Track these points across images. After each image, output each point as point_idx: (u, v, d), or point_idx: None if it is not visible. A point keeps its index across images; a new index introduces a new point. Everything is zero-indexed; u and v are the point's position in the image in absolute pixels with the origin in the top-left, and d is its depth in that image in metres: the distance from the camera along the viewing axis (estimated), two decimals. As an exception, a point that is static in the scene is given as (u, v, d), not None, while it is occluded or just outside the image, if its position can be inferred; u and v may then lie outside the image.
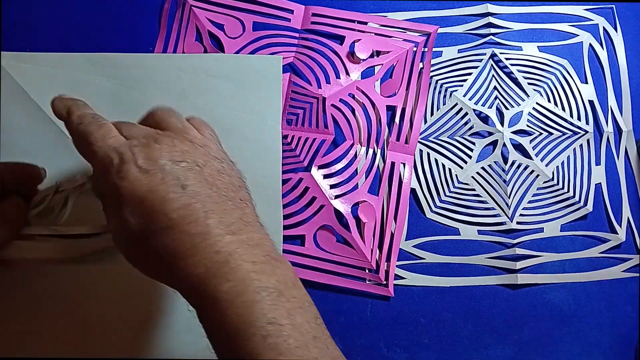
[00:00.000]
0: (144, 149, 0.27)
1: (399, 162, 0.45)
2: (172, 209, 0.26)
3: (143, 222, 0.26)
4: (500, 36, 0.48)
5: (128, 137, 0.29)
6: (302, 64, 0.46)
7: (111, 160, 0.27)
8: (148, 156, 0.27)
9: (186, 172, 0.27)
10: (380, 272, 0.43)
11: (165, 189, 0.26)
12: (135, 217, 0.26)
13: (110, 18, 0.47)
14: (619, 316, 0.44)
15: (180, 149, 0.28)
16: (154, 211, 0.26)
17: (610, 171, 0.47)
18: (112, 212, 0.27)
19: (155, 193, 0.26)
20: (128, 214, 0.26)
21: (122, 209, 0.26)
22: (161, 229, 0.26)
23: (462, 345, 0.43)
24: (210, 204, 0.27)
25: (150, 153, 0.27)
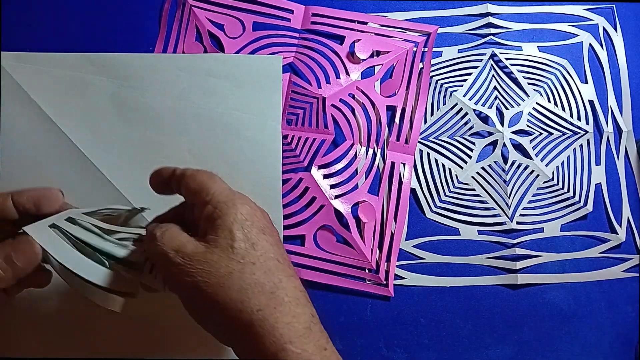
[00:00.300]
0: (265, 219, 0.32)
1: (399, 162, 0.45)
2: (280, 254, 0.31)
3: (250, 247, 0.29)
4: (500, 36, 0.48)
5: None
6: (302, 64, 0.46)
7: (233, 191, 0.32)
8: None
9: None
10: (380, 272, 0.43)
11: (275, 235, 0.31)
12: (244, 235, 0.29)
13: (110, 18, 0.47)
14: (619, 316, 0.44)
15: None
16: (265, 246, 0.30)
17: (610, 171, 0.47)
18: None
19: (272, 232, 0.31)
20: (238, 230, 0.29)
21: (233, 224, 0.29)
22: (267, 260, 0.29)
23: (462, 345, 0.43)
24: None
25: (271, 228, 0.32)
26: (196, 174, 0.32)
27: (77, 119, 0.43)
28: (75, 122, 0.43)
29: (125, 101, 0.44)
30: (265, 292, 0.28)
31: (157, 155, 0.43)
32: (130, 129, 0.43)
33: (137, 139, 0.43)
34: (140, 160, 0.43)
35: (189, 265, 0.28)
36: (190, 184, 0.32)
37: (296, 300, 0.29)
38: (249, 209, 0.30)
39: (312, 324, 0.29)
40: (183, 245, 0.29)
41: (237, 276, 0.28)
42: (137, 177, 0.43)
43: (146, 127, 0.43)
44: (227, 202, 0.30)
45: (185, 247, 0.29)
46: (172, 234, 0.30)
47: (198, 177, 0.32)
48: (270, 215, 0.43)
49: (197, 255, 0.28)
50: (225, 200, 0.30)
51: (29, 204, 0.34)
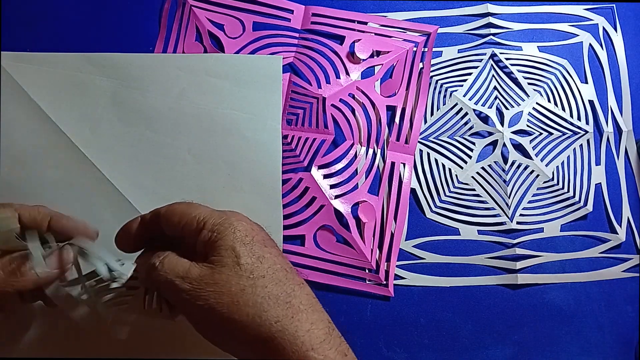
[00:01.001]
0: (263, 232, 0.32)
1: (399, 162, 0.45)
2: (287, 264, 0.30)
3: (257, 262, 0.29)
4: (500, 36, 0.48)
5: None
6: (302, 64, 0.46)
7: (223, 212, 0.32)
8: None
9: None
10: (380, 272, 0.43)
11: (276, 247, 0.31)
12: (250, 252, 0.29)
13: (110, 18, 0.47)
14: (619, 316, 0.44)
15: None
16: (271, 258, 0.30)
17: (610, 171, 0.47)
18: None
19: (273, 245, 0.31)
20: (243, 249, 0.29)
21: (235, 245, 0.29)
22: (276, 272, 0.29)
23: (462, 345, 0.43)
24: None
25: (270, 239, 0.32)
26: (173, 208, 0.31)
27: (77, 119, 0.43)
28: (75, 122, 0.43)
29: (125, 101, 0.44)
30: (280, 303, 0.28)
31: (157, 155, 0.43)
32: (130, 129, 0.43)
33: (137, 139, 0.43)
34: (140, 160, 0.43)
35: (198, 290, 0.28)
36: (172, 218, 0.31)
37: (312, 307, 0.29)
38: (245, 225, 0.30)
39: (330, 329, 0.29)
40: (188, 271, 0.28)
41: (250, 291, 0.27)
42: (137, 177, 0.43)
43: (146, 127, 0.43)
44: (222, 222, 0.30)
45: (190, 272, 0.28)
46: (172, 261, 0.29)
47: (178, 210, 0.31)
48: (270, 215, 0.43)
49: (205, 278, 0.28)
50: (220, 222, 0.30)
51: (64, 232, 0.33)
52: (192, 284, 0.28)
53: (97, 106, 0.43)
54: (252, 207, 0.43)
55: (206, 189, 0.43)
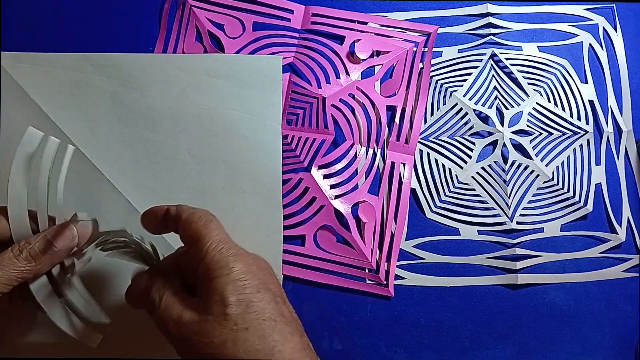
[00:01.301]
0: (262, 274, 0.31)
1: (399, 162, 0.45)
2: (278, 312, 0.29)
3: (243, 310, 0.28)
4: (500, 36, 0.48)
5: None
6: (302, 64, 0.46)
7: (229, 245, 0.31)
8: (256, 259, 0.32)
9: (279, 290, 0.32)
10: (380, 272, 0.43)
11: (273, 292, 0.31)
12: (238, 298, 0.28)
13: (110, 18, 0.47)
14: (619, 316, 0.44)
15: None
16: (260, 305, 0.29)
17: (610, 171, 0.47)
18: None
19: (267, 290, 0.30)
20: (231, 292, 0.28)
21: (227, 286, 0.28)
22: (261, 324, 0.28)
23: (462, 345, 0.43)
24: (300, 327, 0.30)
25: (258, 259, 0.32)
26: (191, 221, 0.31)
27: (77, 119, 0.43)
28: (75, 122, 0.43)
29: (125, 101, 0.44)
30: (261, 359, 0.27)
31: (157, 155, 0.43)
32: (130, 129, 0.43)
33: (137, 139, 0.43)
34: (140, 160, 0.43)
35: (187, 337, 0.28)
36: (187, 231, 0.31)
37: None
38: (242, 266, 0.29)
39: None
40: (180, 316, 0.29)
41: (231, 345, 0.27)
42: (137, 177, 0.43)
43: (146, 127, 0.43)
44: (219, 260, 0.29)
45: (182, 317, 0.28)
46: (169, 302, 0.29)
47: (193, 226, 0.31)
48: (270, 215, 0.43)
49: (193, 325, 0.28)
50: (218, 259, 0.29)
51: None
52: (180, 330, 0.28)
53: (97, 106, 0.43)
54: (252, 207, 0.43)
55: (206, 189, 0.43)
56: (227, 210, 0.43)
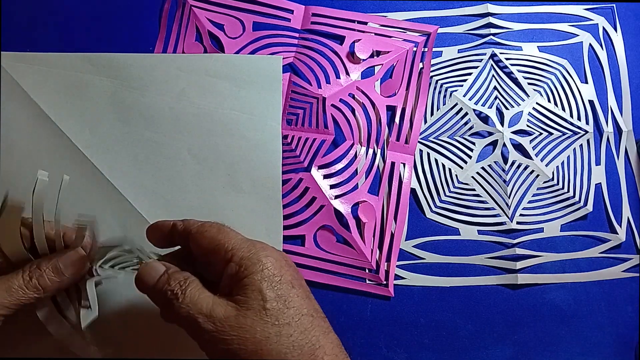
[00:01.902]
0: (292, 269, 0.31)
1: (399, 162, 0.45)
2: (313, 308, 0.29)
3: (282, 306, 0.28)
4: (500, 36, 0.48)
5: None
6: (302, 64, 0.46)
7: (254, 243, 0.30)
8: (283, 255, 0.31)
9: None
10: (380, 272, 0.43)
11: (304, 288, 0.30)
12: (276, 294, 0.28)
13: (110, 18, 0.47)
14: (619, 316, 0.44)
15: None
16: (298, 301, 0.29)
17: (610, 171, 0.47)
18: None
19: (301, 286, 0.30)
20: (268, 289, 0.28)
21: (263, 284, 0.28)
22: (301, 318, 0.28)
23: (462, 345, 0.43)
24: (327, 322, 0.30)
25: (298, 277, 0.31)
26: (204, 231, 0.30)
27: (77, 119, 0.43)
28: (75, 122, 0.43)
29: (125, 101, 0.44)
30: (304, 354, 0.27)
31: (157, 155, 0.43)
32: (130, 129, 0.43)
33: (136, 139, 0.43)
34: (140, 160, 0.43)
35: (222, 332, 0.27)
36: (201, 242, 0.30)
37: (335, 357, 0.28)
38: (274, 261, 0.29)
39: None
40: (212, 309, 0.27)
41: (275, 340, 0.26)
42: (137, 177, 0.43)
43: (146, 127, 0.43)
44: (250, 257, 0.28)
45: (214, 311, 0.27)
46: (195, 294, 0.28)
47: (207, 234, 0.30)
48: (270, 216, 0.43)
49: (230, 320, 0.27)
50: (249, 256, 0.29)
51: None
52: (215, 325, 0.27)
53: (97, 106, 0.43)
54: (252, 207, 0.43)
55: (206, 189, 0.43)
56: (227, 210, 0.43)
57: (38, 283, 0.30)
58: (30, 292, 0.30)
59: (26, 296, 0.30)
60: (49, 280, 0.30)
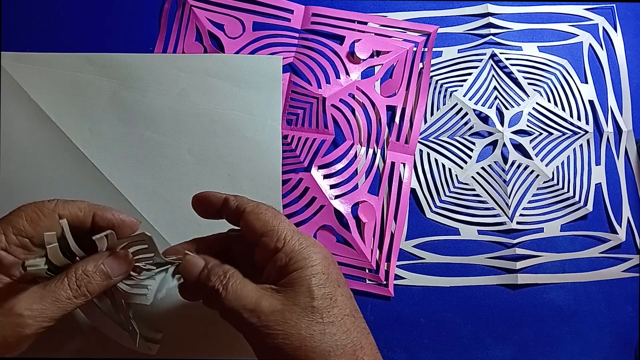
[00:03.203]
0: (336, 267, 0.31)
1: (399, 162, 0.45)
2: (355, 308, 0.30)
3: (329, 304, 0.28)
4: (500, 36, 0.48)
5: None
6: (302, 64, 0.46)
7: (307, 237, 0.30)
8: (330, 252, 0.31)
9: None
10: (380, 272, 0.43)
11: (347, 286, 0.31)
12: (323, 293, 0.28)
13: (110, 18, 0.47)
14: (619, 316, 0.44)
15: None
16: (342, 300, 0.29)
17: (610, 171, 0.47)
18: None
19: (345, 284, 0.30)
20: (317, 286, 0.28)
21: (311, 280, 0.28)
22: (344, 318, 0.28)
23: (462, 345, 0.43)
24: None
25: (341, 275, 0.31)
26: (259, 212, 0.30)
27: (77, 119, 0.43)
28: (75, 122, 0.43)
29: (125, 101, 0.44)
30: (346, 354, 0.27)
31: (157, 155, 0.43)
32: (130, 129, 0.43)
33: (136, 139, 0.43)
34: (140, 160, 0.43)
35: (267, 326, 0.27)
36: (255, 223, 0.30)
37: (374, 358, 0.28)
38: (322, 259, 0.29)
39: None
40: (258, 304, 0.27)
41: (319, 338, 0.27)
42: (137, 177, 0.43)
43: (146, 127, 0.43)
44: (301, 251, 0.28)
45: (260, 305, 0.27)
46: (238, 288, 0.28)
47: (262, 217, 0.30)
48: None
49: (276, 315, 0.27)
50: (300, 249, 0.28)
51: (108, 226, 0.31)
52: (260, 319, 0.27)
53: (97, 106, 0.43)
54: (252, 207, 0.43)
55: (206, 189, 0.43)
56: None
57: (87, 290, 0.29)
58: (78, 301, 0.28)
59: (74, 305, 0.28)
60: (97, 285, 0.29)
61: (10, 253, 0.29)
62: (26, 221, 0.29)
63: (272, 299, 0.27)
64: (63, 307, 0.28)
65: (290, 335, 0.26)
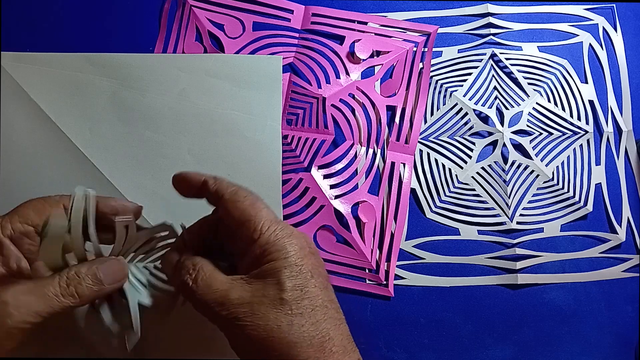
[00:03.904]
0: (304, 235, 0.30)
1: (399, 162, 0.45)
2: (328, 299, 0.29)
3: (299, 296, 0.28)
4: (500, 36, 0.48)
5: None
6: (302, 64, 0.46)
7: (283, 227, 0.29)
8: (308, 241, 0.30)
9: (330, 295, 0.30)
10: (380, 272, 0.43)
11: (324, 277, 0.30)
12: (293, 284, 0.28)
13: (110, 18, 0.47)
14: (619, 316, 0.44)
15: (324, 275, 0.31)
16: (314, 292, 0.28)
17: (610, 171, 0.47)
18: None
19: (319, 275, 0.29)
20: (287, 277, 0.28)
21: (283, 271, 0.28)
22: (315, 310, 0.28)
23: (462, 345, 0.43)
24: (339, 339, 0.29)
25: (309, 240, 0.30)
26: (236, 201, 0.30)
27: (77, 119, 0.43)
28: (75, 122, 0.43)
29: (125, 101, 0.44)
30: (313, 345, 0.27)
31: (157, 155, 0.43)
32: (130, 129, 0.43)
33: (136, 139, 0.43)
34: (140, 160, 0.43)
35: (235, 317, 0.27)
36: (232, 212, 0.30)
37: (343, 349, 0.28)
38: (297, 250, 0.29)
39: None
40: (226, 296, 0.27)
41: (286, 329, 0.27)
42: (137, 177, 0.43)
43: (146, 127, 0.43)
44: (275, 242, 0.28)
45: (229, 297, 0.27)
46: (207, 281, 0.28)
47: (239, 206, 0.30)
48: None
49: (244, 306, 0.27)
50: (274, 241, 0.28)
51: (113, 213, 0.32)
52: (229, 311, 0.27)
53: (97, 106, 0.43)
54: (252, 207, 0.43)
55: (206, 189, 0.43)
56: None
57: (75, 291, 0.29)
58: (66, 301, 0.28)
59: (61, 304, 0.28)
60: (87, 289, 0.29)
61: (15, 242, 0.30)
62: (32, 210, 0.30)
63: (242, 291, 0.28)
64: (49, 303, 0.28)
65: (258, 326, 0.27)
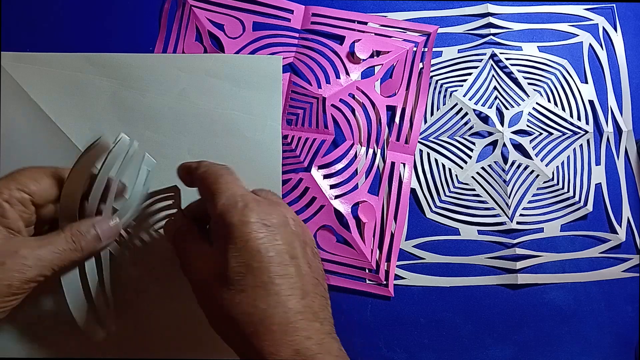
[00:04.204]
0: (269, 207, 0.30)
1: (399, 162, 0.45)
2: (278, 275, 0.28)
3: (242, 272, 0.28)
4: (500, 36, 0.48)
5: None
6: (302, 64, 0.46)
7: (236, 202, 0.29)
8: (270, 213, 0.30)
9: (299, 246, 0.30)
10: (380, 272, 0.43)
11: (279, 251, 0.29)
12: (237, 261, 0.28)
13: (110, 18, 0.47)
14: (619, 316, 0.44)
15: (295, 222, 0.31)
16: (260, 267, 0.28)
17: (610, 171, 0.47)
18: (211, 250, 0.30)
19: (268, 250, 0.28)
20: (232, 254, 0.28)
21: (229, 247, 0.28)
22: (257, 287, 0.28)
23: (462, 345, 0.43)
24: (309, 287, 0.29)
25: (273, 212, 0.30)
26: (204, 177, 0.31)
27: (77, 119, 0.43)
28: (75, 122, 0.43)
29: (125, 101, 0.44)
30: (253, 322, 0.27)
31: (157, 155, 0.43)
32: (130, 128, 0.43)
33: (137, 139, 0.43)
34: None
35: (204, 289, 0.30)
36: (201, 188, 0.32)
37: (284, 327, 0.28)
38: (246, 229, 0.29)
39: (305, 348, 0.27)
40: (200, 269, 0.30)
41: (227, 304, 0.28)
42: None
43: (146, 127, 0.43)
44: (225, 216, 0.29)
45: (201, 270, 0.30)
46: (189, 251, 0.32)
47: (204, 182, 0.31)
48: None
49: (204, 283, 0.30)
50: (224, 215, 0.29)
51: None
52: (200, 287, 0.31)
53: (97, 106, 0.43)
54: (252, 207, 0.43)
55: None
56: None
57: (80, 246, 0.31)
58: (73, 255, 0.31)
59: (69, 258, 0.31)
60: (89, 243, 0.32)
61: (12, 207, 0.31)
62: (29, 179, 0.32)
63: (203, 264, 0.30)
64: (60, 256, 0.30)
65: (214, 299, 0.28)
